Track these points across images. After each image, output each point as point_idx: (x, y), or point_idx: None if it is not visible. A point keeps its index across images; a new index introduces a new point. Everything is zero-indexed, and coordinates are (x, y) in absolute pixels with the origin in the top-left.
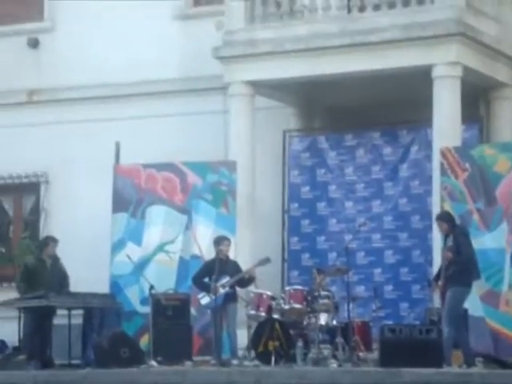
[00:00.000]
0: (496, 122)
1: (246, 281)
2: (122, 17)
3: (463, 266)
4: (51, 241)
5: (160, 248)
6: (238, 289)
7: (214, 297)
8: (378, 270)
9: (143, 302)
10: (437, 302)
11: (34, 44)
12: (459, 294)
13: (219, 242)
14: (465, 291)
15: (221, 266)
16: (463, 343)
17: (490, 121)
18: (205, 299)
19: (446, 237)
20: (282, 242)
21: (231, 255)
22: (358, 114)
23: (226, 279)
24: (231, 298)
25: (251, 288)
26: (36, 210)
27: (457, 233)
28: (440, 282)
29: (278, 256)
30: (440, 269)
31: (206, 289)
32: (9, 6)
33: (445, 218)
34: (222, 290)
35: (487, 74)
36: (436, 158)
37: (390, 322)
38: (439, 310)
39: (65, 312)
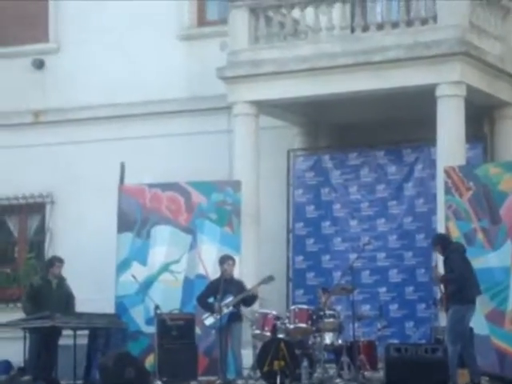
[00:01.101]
0: (500, 140)
1: (250, 299)
2: (126, 37)
3: (460, 284)
4: (57, 261)
5: (165, 268)
6: (243, 308)
7: (218, 317)
8: (382, 289)
9: (148, 322)
10: (442, 320)
11: (39, 65)
12: (459, 312)
13: (223, 261)
14: (466, 309)
15: (225, 285)
16: (470, 361)
17: (494, 140)
18: (209, 320)
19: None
20: (286, 261)
21: (236, 274)
22: (362, 133)
23: (230, 299)
24: (235, 317)
25: (256, 308)
26: (41, 230)
27: (449, 251)
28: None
29: (282, 275)
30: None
31: (210, 309)
32: (14, 27)
33: (436, 241)
34: (225, 310)
35: (491, 93)
36: (440, 177)
37: (396, 341)
38: (444, 329)
39: (70, 332)
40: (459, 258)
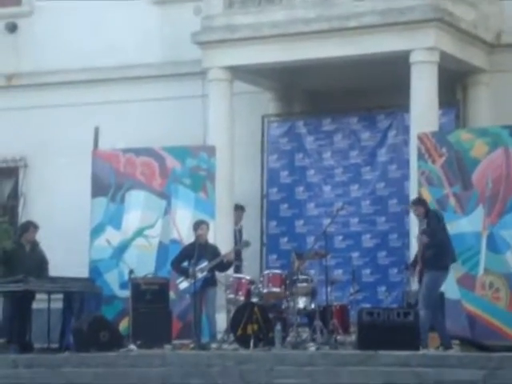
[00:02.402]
0: (473, 107)
1: (225, 265)
2: (100, 1)
3: (438, 250)
4: (32, 226)
5: (139, 232)
6: (217, 273)
7: (192, 281)
8: (355, 254)
9: (123, 286)
10: (414, 285)
11: (12, 28)
12: (436, 278)
13: (197, 226)
14: (441, 275)
15: (200, 250)
16: (439, 326)
17: (466, 106)
18: (183, 284)
19: (421, 221)
20: (260, 226)
21: (211, 239)
22: (336, 99)
23: (204, 264)
24: (210, 282)
25: (230, 272)
26: (14, 194)
27: (430, 217)
28: (417, 266)
29: (256, 240)
30: (417, 253)
31: (184, 273)
32: None
33: (421, 202)
34: (200, 275)
35: (464, 60)
36: (413, 143)
37: (368, 306)
38: (416, 294)
39: (44, 296)
40: (440, 225)
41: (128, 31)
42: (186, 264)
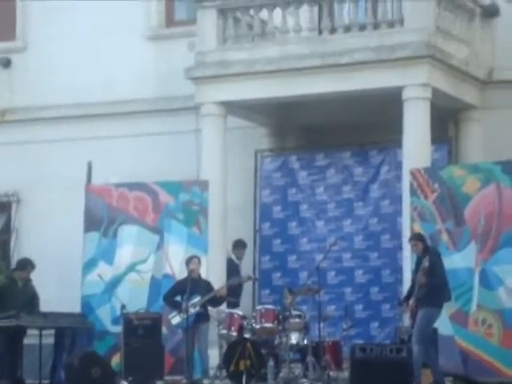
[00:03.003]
0: (465, 143)
1: (218, 300)
2: (94, 37)
3: (435, 288)
4: (30, 266)
5: (132, 267)
6: (210, 308)
7: (184, 316)
8: (348, 290)
9: (115, 321)
10: (406, 321)
11: (5, 64)
12: (430, 315)
13: (189, 261)
14: (436, 312)
15: (193, 285)
16: (432, 362)
17: (458, 142)
18: (175, 319)
19: (419, 257)
20: (253, 261)
21: (203, 274)
22: (329, 135)
23: (197, 298)
24: (202, 317)
25: (222, 307)
26: (7, 229)
27: (431, 254)
28: (411, 302)
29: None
30: (410, 288)
31: (176, 308)
32: None
33: (420, 237)
34: (192, 310)
35: (456, 96)
36: (406, 179)
37: (361, 341)
38: (409, 329)
39: (36, 332)
40: (440, 263)
41: (122, 66)
42: (178, 298)
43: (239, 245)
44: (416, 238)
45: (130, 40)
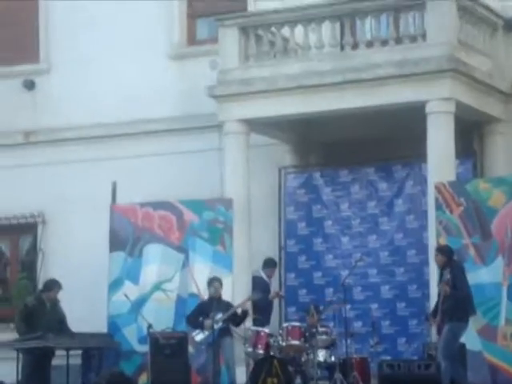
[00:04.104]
0: (490, 156)
1: (240, 318)
2: (117, 57)
3: (459, 301)
4: (57, 286)
5: (157, 286)
6: (232, 327)
7: (207, 332)
8: (374, 305)
9: (141, 340)
10: (434, 336)
11: (29, 86)
12: (455, 330)
13: (210, 283)
14: (461, 326)
15: (216, 305)
16: (460, 378)
17: (483, 155)
18: (199, 336)
19: (441, 270)
20: (279, 279)
21: (228, 292)
22: (352, 150)
23: (219, 315)
24: (225, 332)
25: (248, 325)
26: (33, 250)
27: (454, 267)
28: (437, 317)
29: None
30: (437, 303)
31: (199, 326)
32: (4, 48)
33: (444, 250)
34: (215, 326)
35: (480, 109)
36: (431, 193)
37: (388, 358)
38: (437, 345)
39: (63, 353)
40: (464, 276)
41: (144, 85)
42: (200, 319)
43: (270, 263)
44: (439, 250)
45: (153, 59)
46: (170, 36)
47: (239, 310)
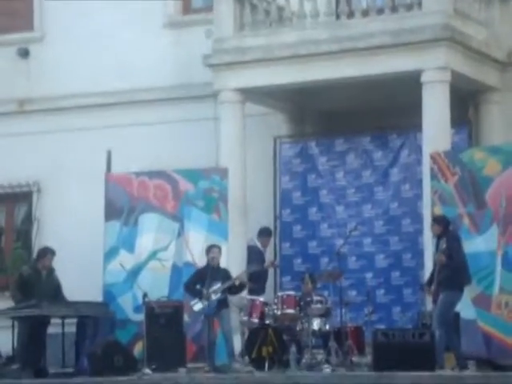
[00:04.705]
0: (485, 125)
1: (237, 287)
2: (111, 26)
3: (455, 271)
4: (49, 253)
5: (153, 255)
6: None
7: (206, 303)
8: (369, 275)
9: (136, 309)
10: (429, 305)
11: (24, 54)
12: (451, 298)
13: (209, 250)
14: (456, 295)
15: (212, 273)
16: (454, 346)
17: (479, 124)
18: (197, 305)
19: (437, 240)
20: (274, 248)
21: (223, 261)
22: (347, 120)
23: (217, 285)
24: (223, 303)
25: (244, 294)
26: (28, 219)
27: (450, 237)
28: (432, 286)
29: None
30: (432, 272)
31: (197, 295)
32: None
33: (440, 220)
34: (214, 296)
35: (476, 79)
36: (426, 163)
37: (383, 326)
38: (431, 314)
39: (58, 321)
40: (460, 246)
41: (139, 55)
42: (198, 286)
43: (264, 232)
44: (435, 220)
45: (148, 28)
46: (165, 5)
47: (237, 282)
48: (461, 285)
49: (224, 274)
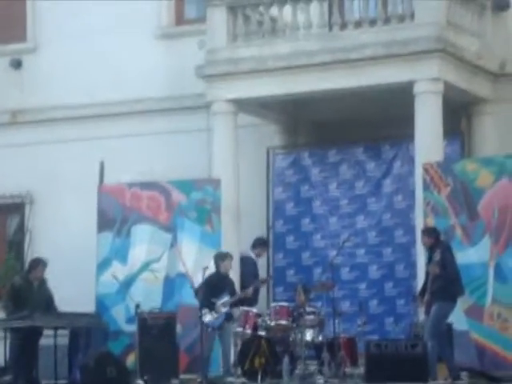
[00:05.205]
0: (477, 136)
1: (243, 301)
2: (104, 36)
3: (448, 282)
4: (41, 264)
5: (145, 267)
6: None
7: (215, 315)
8: (362, 286)
9: (129, 321)
10: (421, 316)
11: (16, 65)
12: (444, 310)
13: (224, 258)
14: (449, 306)
15: (222, 281)
16: (447, 357)
17: (471, 136)
18: (207, 317)
19: (429, 251)
20: (267, 259)
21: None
22: (340, 130)
23: (225, 298)
24: (229, 317)
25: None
26: (20, 230)
27: (443, 248)
28: (425, 297)
29: (263, 273)
30: (425, 283)
31: (209, 306)
32: None
33: (429, 231)
34: (223, 309)
35: (468, 90)
36: (418, 174)
37: (376, 337)
38: (424, 325)
39: (51, 332)
40: (452, 257)
41: (132, 65)
42: (212, 300)
43: (260, 243)
44: (424, 231)
45: (141, 39)
46: (158, 16)
47: (243, 296)
48: (454, 296)
49: (231, 285)
